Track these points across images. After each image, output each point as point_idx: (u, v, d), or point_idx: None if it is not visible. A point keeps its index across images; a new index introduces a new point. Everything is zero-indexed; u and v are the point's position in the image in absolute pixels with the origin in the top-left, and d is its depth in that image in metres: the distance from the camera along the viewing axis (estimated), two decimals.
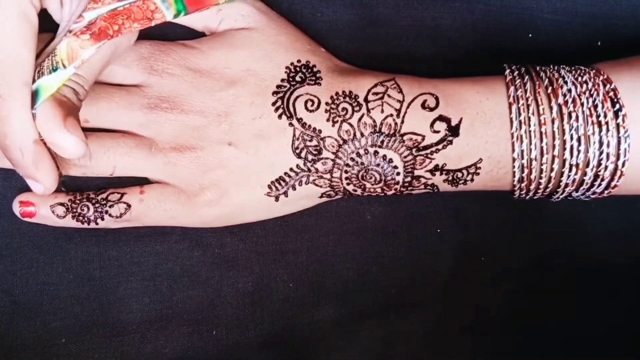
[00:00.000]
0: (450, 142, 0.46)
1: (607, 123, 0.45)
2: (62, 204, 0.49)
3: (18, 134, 0.40)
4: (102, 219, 0.49)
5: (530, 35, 0.54)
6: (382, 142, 0.46)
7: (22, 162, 0.41)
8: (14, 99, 0.39)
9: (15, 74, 0.39)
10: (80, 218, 0.49)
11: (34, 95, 0.40)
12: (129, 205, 0.48)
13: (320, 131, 0.46)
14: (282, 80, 0.47)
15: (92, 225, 0.49)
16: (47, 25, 0.42)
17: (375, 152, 0.46)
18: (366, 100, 0.47)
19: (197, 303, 0.52)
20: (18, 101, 0.39)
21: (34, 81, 0.40)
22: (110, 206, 0.48)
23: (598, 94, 0.45)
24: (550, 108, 0.45)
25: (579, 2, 0.53)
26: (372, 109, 0.46)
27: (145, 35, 0.50)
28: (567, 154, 0.45)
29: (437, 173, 0.47)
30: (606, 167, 0.45)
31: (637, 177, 0.46)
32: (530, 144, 0.45)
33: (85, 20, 0.41)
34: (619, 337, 0.56)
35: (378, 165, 0.47)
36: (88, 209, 0.49)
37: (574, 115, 0.45)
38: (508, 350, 0.55)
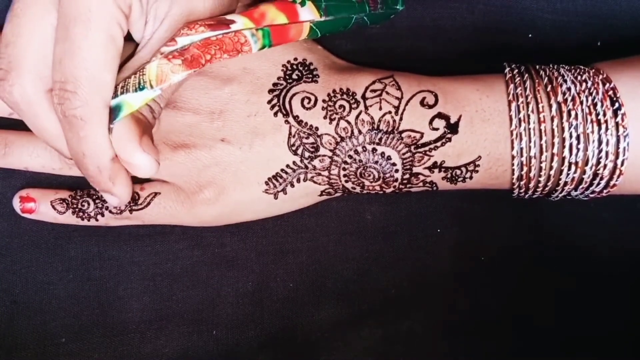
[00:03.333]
0: (449, 140, 0.46)
1: (606, 121, 0.45)
2: (62, 200, 0.49)
3: (96, 154, 0.40)
4: (102, 215, 0.49)
5: (530, 35, 0.54)
6: (380, 139, 0.46)
7: (99, 178, 0.42)
8: (94, 120, 0.39)
9: (98, 97, 0.39)
10: (81, 214, 0.49)
11: (114, 110, 0.40)
12: (129, 202, 0.48)
13: (317, 128, 0.46)
14: (279, 78, 0.47)
15: (92, 222, 0.49)
16: None
17: (374, 150, 0.46)
18: (364, 97, 0.47)
19: (197, 303, 0.52)
20: (97, 123, 0.40)
21: (115, 96, 0.40)
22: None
23: (597, 93, 0.45)
24: (550, 106, 0.45)
25: (579, 2, 0.53)
26: (370, 106, 0.46)
27: None
28: (566, 152, 0.45)
29: (436, 170, 0.47)
30: (605, 165, 0.45)
31: (636, 177, 0.46)
32: (530, 141, 0.45)
33: (178, 45, 0.41)
34: (619, 337, 0.56)
35: (376, 162, 0.47)
36: (88, 204, 0.49)
37: (573, 113, 0.45)
38: (508, 350, 0.55)
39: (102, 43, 0.39)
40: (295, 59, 0.48)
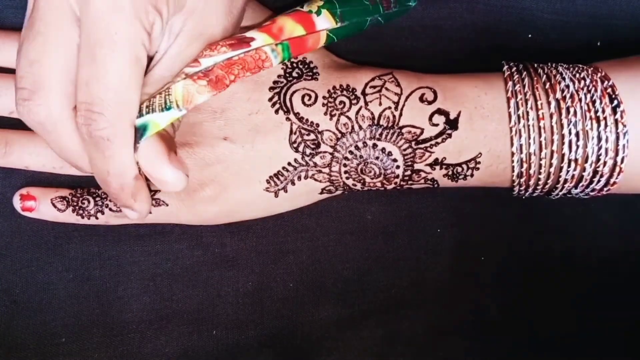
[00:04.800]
0: (449, 136, 0.46)
1: (605, 119, 0.45)
2: (62, 198, 0.49)
3: (120, 173, 0.41)
4: (102, 212, 0.49)
5: (530, 35, 0.54)
6: (381, 134, 0.46)
7: (121, 195, 0.42)
8: (120, 141, 0.40)
9: (124, 117, 0.39)
10: (81, 212, 0.49)
11: (139, 129, 0.40)
12: None
13: (317, 125, 0.47)
14: (279, 76, 0.48)
15: (92, 220, 0.49)
16: None
17: (374, 145, 0.46)
18: (364, 93, 0.47)
19: (197, 303, 0.52)
20: (123, 142, 0.40)
21: (140, 115, 0.40)
22: (110, 200, 0.49)
23: (596, 90, 0.46)
24: (549, 103, 0.45)
25: (579, 2, 0.54)
26: (370, 101, 0.47)
27: None
28: (565, 149, 0.45)
29: (437, 167, 0.47)
30: (605, 162, 0.45)
31: (636, 175, 0.46)
32: (529, 138, 0.45)
33: (202, 66, 0.42)
34: (619, 337, 0.56)
35: (377, 158, 0.47)
36: (89, 202, 0.49)
37: (572, 110, 0.45)
38: (508, 350, 0.55)
39: (128, 65, 0.39)
40: (295, 57, 0.48)
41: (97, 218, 0.49)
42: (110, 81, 0.39)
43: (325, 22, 0.45)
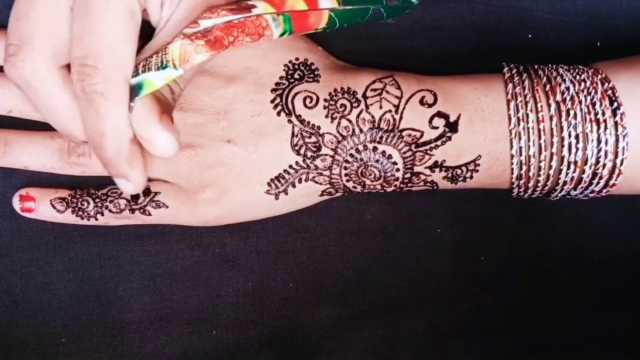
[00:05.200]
0: (449, 139, 0.46)
1: (605, 121, 0.45)
2: (62, 199, 0.49)
3: (116, 133, 0.40)
4: (102, 214, 0.49)
5: (530, 35, 0.54)
6: (381, 137, 0.46)
7: (116, 161, 0.41)
8: (114, 96, 0.39)
9: (118, 72, 0.39)
10: (80, 213, 0.49)
11: (135, 89, 0.40)
12: (128, 201, 0.48)
13: (319, 127, 0.47)
14: (281, 77, 0.47)
15: (92, 221, 0.49)
16: None
17: (375, 148, 0.46)
18: (365, 96, 0.47)
19: (197, 303, 0.52)
20: (118, 99, 0.39)
21: (136, 75, 0.40)
22: (110, 201, 0.49)
23: (596, 92, 0.45)
24: (549, 105, 0.45)
25: (579, 2, 0.53)
26: (371, 104, 0.47)
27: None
28: (565, 152, 0.45)
29: (437, 170, 0.47)
30: (604, 165, 0.45)
31: (635, 176, 0.46)
32: (529, 140, 0.45)
33: (200, 27, 0.41)
34: (619, 337, 0.56)
35: (377, 161, 0.47)
36: (88, 203, 0.49)
37: (572, 112, 0.45)
38: (508, 350, 0.55)
39: (122, 16, 0.39)
40: (297, 58, 0.48)
41: (96, 219, 0.49)
42: (104, 33, 0.38)
43: (328, 1, 0.44)
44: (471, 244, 0.55)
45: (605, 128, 0.45)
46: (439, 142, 0.46)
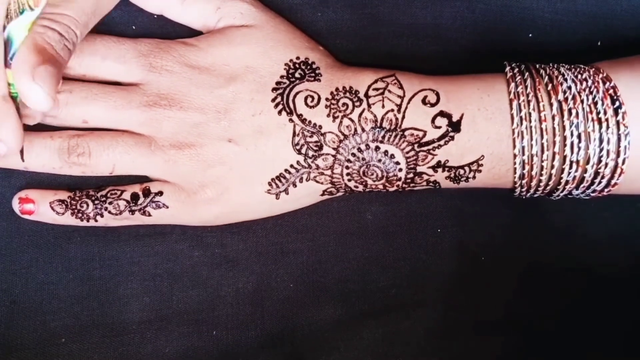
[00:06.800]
0: (452, 138, 0.46)
1: (607, 120, 0.45)
2: (61, 201, 0.49)
3: None
4: (102, 215, 0.49)
5: (530, 35, 0.54)
6: (384, 137, 0.46)
7: None
8: None
9: None
10: (80, 215, 0.49)
11: (9, 43, 0.39)
12: (128, 202, 0.48)
13: (320, 127, 0.46)
14: (282, 76, 0.47)
15: (92, 222, 0.49)
16: None
17: (377, 148, 0.46)
18: (367, 95, 0.47)
19: (197, 303, 0.52)
20: None
21: (4, 28, 0.40)
22: (109, 203, 0.48)
23: (598, 92, 0.46)
24: (551, 105, 0.45)
25: (579, 2, 0.53)
26: (373, 104, 0.46)
27: (145, 33, 0.50)
28: (567, 151, 0.45)
29: (440, 169, 0.47)
30: (606, 164, 0.45)
31: (637, 176, 0.46)
32: (531, 140, 0.45)
33: None
34: (619, 337, 0.56)
35: (379, 161, 0.47)
36: (87, 205, 0.49)
37: (574, 112, 0.45)
38: (508, 351, 0.55)
39: None
40: (298, 57, 0.48)
41: (96, 221, 0.49)
42: None
43: None
44: (471, 244, 0.55)
45: (607, 127, 0.45)
46: (441, 142, 0.46)
